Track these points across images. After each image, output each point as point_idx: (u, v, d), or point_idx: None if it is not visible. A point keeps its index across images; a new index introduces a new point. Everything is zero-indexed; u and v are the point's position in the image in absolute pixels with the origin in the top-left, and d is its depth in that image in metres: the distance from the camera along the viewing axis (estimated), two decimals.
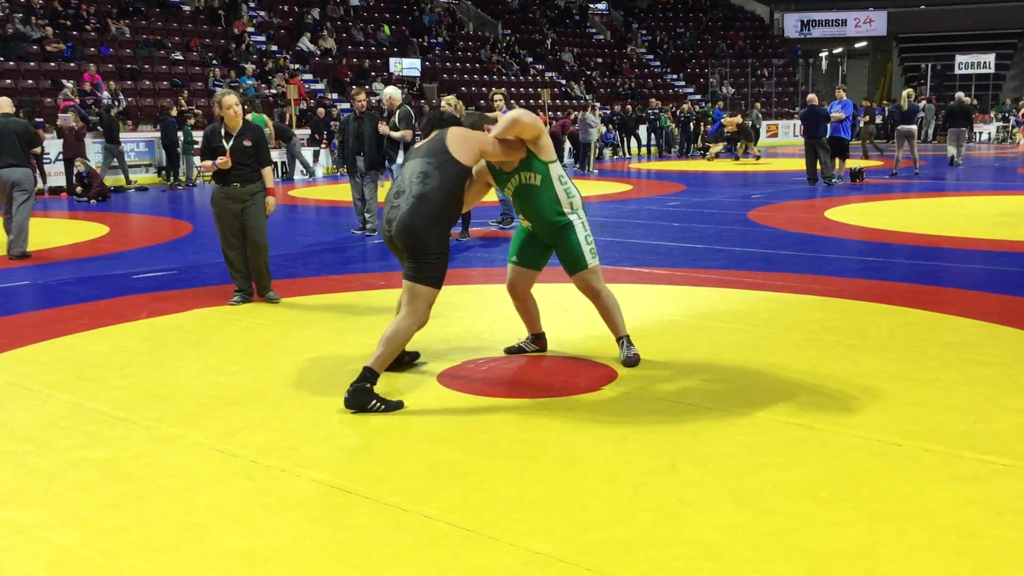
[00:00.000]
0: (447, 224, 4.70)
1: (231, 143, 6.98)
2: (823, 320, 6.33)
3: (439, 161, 4.67)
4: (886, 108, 36.18)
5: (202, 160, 7.20)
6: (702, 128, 29.76)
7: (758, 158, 25.52)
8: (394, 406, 4.58)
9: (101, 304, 7.28)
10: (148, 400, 4.81)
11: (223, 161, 6.95)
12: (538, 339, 5.69)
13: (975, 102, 31.76)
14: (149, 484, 3.71)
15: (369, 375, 4.56)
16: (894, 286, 7.49)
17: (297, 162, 21.37)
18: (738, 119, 26.16)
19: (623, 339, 5.39)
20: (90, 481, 3.75)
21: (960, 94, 23.86)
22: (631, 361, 5.29)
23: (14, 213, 9.53)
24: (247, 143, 7.03)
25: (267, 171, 7.23)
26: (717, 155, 26.12)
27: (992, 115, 36.04)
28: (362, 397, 4.53)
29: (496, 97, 10.95)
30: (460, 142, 4.72)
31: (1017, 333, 5.86)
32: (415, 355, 5.42)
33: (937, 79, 39.84)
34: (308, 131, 22.71)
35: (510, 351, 5.67)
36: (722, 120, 26.50)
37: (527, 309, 5.60)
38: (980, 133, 35.29)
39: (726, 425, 4.29)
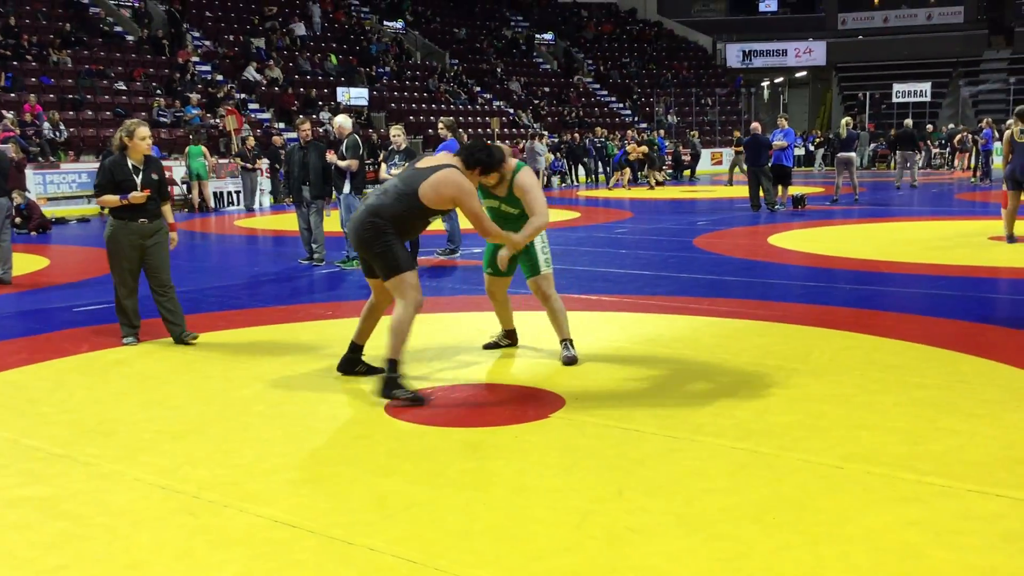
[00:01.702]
0: (395, 233, 5.09)
1: (141, 176, 6.67)
2: (767, 345, 6.41)
3: (401, 189, 5.12)
4: (812, 135, 37.11)
5: (100, 195, 6.68)
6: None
7: (653, 186, 26.02)
8: (418, 399, 5.08)
9: (41, 338, 7.13)
10: (88, 436, 4.71)
11: (140, 196, 6.60)
12: (510, 335, 6.43)
13: (930, 128, 32.64)
14: (88, 522, 3.62)
15: (392, 365, 5.11)
16: (836, 310, 7.61)
17: (257, 190, 21.30)
18: (644, 148, 26.67)
19: (566, 341, 6.02)
20: (27, 520, 3.66)
21: (909, 121, 24.66)
22: (569, 361, 5.90)
23: (3, 240, 9.92)
24: (155, 176, 6.76)
25: (167, 207, 6.94)
26: (618, 183, 26.44)
27: (929, 142, 36.93)
28: (389, 387, 5.09)
29: (440, 126, 11.00)
30: (435, 189, 5.08)
31: (956, 356, 5.99)
32: (378, 369, 5.41)
33: (875, 107, 40.82)
34: (267, 161, 22.44)
35: (488, 346, 6.39)
36: (627, 148, 26.97)
37: (505, 309, 6.34)
38: (918, 160, 36.11)
39: (672, 451, 4.31)
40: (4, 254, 9.92)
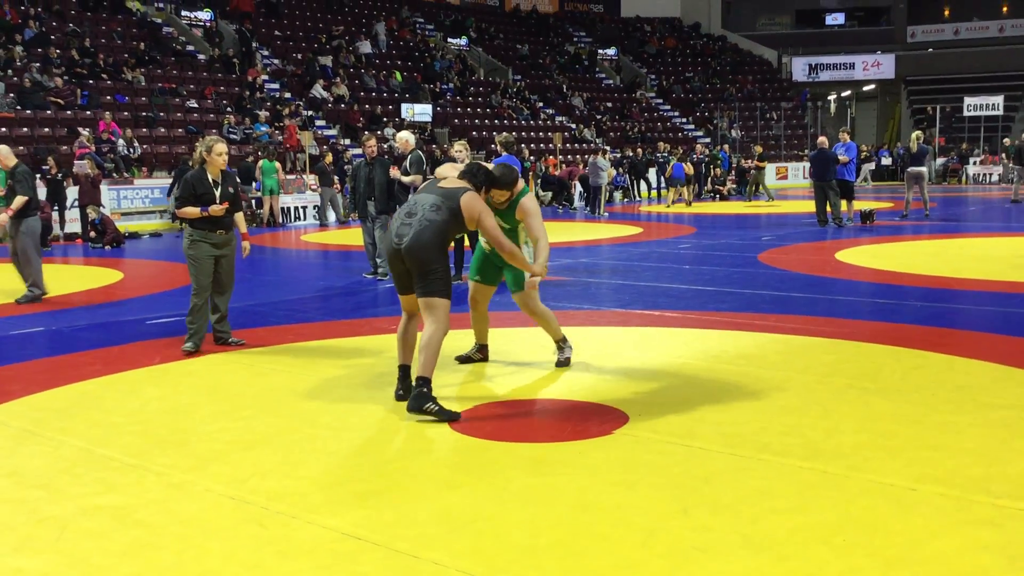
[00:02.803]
0: (445, 249, 5.35)
1: (219, 190, 7.10)
2: (835, 363, 6.31)
3: (450, 205, 5.35)
4: (864, 151, 36.39)
5: (182, 207, 7.10)
6: (712, 171, 29.90)
7: (688, 203, 25.70)
8: (449, 415, 5.14)
9: (114, 350, 7.32)
10: (160, 446, 4.82)
11: (220, 208, 7.03)
12: (482, 349, 6.62)
13: (1007, 142, 31.98)
14: (160, 531, 3.71)
15: (422, 382, 5.22)
16: (906, 328, 7.46)
17: (330, 207, 21.56)
18: (689, 167, 26.38)
19: (560, 342, 6.38)
20: (102, 528, 3.76)
21: None
22: (564, 362, 6.31)
23: (32, 260, 9.71)
24: (231, 190, 7.21)
25: (239, 216, 7.36)
26: (680, 199, 26.10)
27: (1002, 156, 36.10)
28: (421, 401, 5.17)
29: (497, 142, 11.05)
30: (468, 206, 5.38)
31: None
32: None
33: (946, 121, 39.99)
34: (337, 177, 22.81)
35: (461, 359, 6.56)
36: (683, 166, 26.54)
37: (483, 323, 6.54)
38: (990, 174, 35.37)
39: (738, 469, 4.27)
40: (35, 272, 9.66)
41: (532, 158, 26.13)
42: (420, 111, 28.83)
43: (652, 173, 30.04)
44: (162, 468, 4.47)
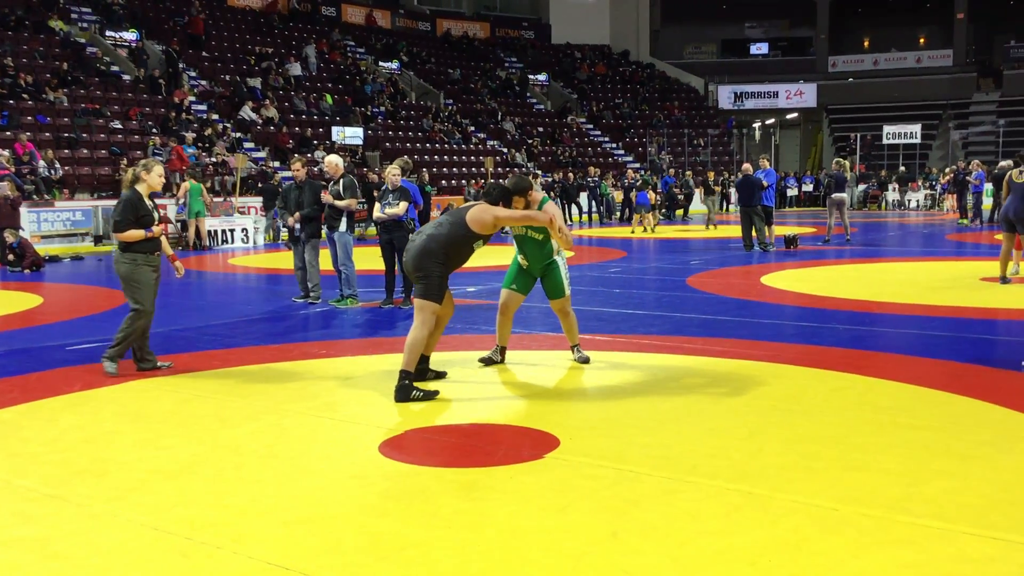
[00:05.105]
0: (444, 262, 6.13)
1: (155, 212, 7.16)
2: (760, 385, 6.42)
3: (452, 220, 6.23)
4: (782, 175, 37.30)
5: (124, 230, 6.91)
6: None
7: (652, 228, 25.54)
8: (431, 394, 6.07)
9: (33, 377, 7.11)
10: (80, 476, 4.69)
11: (160, 230, 7.14)
12: (503, 352, 7.27)
13: (902, 169, 33.03)
14: (80, 564, 3.60)
15: (405, 375, 6.03)
16: (828, 351, 7.63)
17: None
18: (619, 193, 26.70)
19: (576, 347, 7.29)
20: (19, 561, 3.64)
21: (1008, 162, 25.65)
22: (584, 359, 7.18)
23: None
24: (157, 213, 7.25)
25: (164, 240, 7.41)
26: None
27: (920, 183, 37.29)
28: (405, 391, 5.98)
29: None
30: (476, 216, 6.19)
31: (949, 397, 6.01)
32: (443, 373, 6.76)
33: (866, 149, 41.18)
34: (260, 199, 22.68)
35: (484, 360, 7.18)
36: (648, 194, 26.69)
37: (508, 326, 7.24)
38: (909, 201, 36.48)
39: (667, 492, 4.31)
40: None
41: (435, 187, 25.72)
42: (351, 134, 28.73)
43: (584, 197, 30.33)
44: (82, 499, 4.34)
